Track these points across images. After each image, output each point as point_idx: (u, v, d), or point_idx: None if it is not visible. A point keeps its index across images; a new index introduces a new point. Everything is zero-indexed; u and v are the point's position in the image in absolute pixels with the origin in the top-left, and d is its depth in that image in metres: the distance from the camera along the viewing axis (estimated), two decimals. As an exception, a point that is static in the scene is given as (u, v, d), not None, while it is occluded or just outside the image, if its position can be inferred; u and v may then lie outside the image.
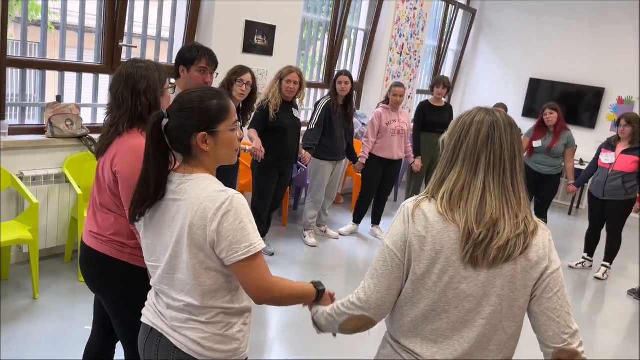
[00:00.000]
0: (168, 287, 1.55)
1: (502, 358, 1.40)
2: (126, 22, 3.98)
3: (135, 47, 4.18)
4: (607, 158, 4.84)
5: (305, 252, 4.73)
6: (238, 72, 3.55)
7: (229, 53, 4.46)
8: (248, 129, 4.09)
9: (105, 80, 4.00)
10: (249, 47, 4.75)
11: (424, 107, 5.50)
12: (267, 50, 4.94)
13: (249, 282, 1.47)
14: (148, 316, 1.63)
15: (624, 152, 4.74)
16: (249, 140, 4.12)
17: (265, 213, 4.37)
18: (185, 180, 1.50)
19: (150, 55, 4.43)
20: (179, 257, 1.50)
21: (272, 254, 4.46)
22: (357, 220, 5.35)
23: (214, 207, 1.44)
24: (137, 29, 4.21)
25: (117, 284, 1.95)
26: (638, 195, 4.73)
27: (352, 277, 4.46)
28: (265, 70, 4.92)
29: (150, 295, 1.66)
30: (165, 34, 4.51)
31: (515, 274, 1.33)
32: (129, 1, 3.93)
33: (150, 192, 1.51)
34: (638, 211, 4.77)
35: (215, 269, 1.49)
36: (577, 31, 7.75)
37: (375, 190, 5.19)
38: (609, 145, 4.89)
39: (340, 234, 5.26)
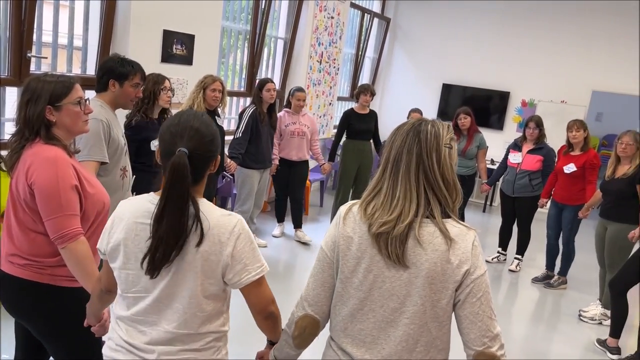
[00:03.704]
0: (158, 317, 1.48)
1: (430, 359, 1.45)
2: (34, 31, 3.79)
3: (46, 57, 3.97)
4: (515, 158, 5.19)
5: (233, 262, 4.68)
6: (159, 81, 3.53)
7: (147, 63, 4.28)
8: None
9: (12, 93, 3.77)
10: (167, 57, 4.65)
11: (349, 116, 5.63)
12: (187, 60, 4.87)
13: (261, 299, 1.52)
14: (118, 357, 1.51)
15: (530, 152, 5.10)
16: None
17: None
18: None
19: (62, 66, 4.23)
20: (180, 285, 1.46)
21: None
22: (279, 219, 5.55)
23: (227, 231, 1.45)
24: (47, 38, 4.01)
25: (43, 309, 1.86)
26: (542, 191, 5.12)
27: (278, 283, 4.47)
28: (185, 79, 4.84)
29: (117, 332, 1.53)
30: (78, 42, 4.32)
31: (435, 275, 1.39)
32: (37, 8, 3.73)
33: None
34: (542, 206, 5.15)
35: (215, 294, 1.49)
36: (484, 39, 8.26)
37: (284, 189, 5.41)
38: (516, 145, 5.25)
39: (273, 237, 5.41)
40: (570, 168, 4.71)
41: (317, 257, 1.54)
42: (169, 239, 1.40)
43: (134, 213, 1.49)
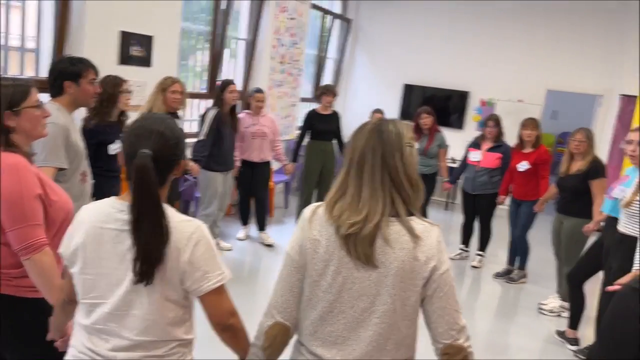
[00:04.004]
0: (117, 326, 1.45)
1: (400, 358, 1.46)
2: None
3: (-4, 59, 3.84)
4: (474, 156, 5.29)
5: (197, 267, 4.62)
6: (118, 83, 3.49)
7: (104, 65, 4.19)
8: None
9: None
10: (125, 59, 4.55)
11: (311, 116, 5.63)
12: (146, 61, 4.78)
13: (219, 309, 1.48)
14: None
15: (489, 150, 5.21)
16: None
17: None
18: None
19: (14, 69, 4.08)
20: (138, 292, 1.42)
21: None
22: (244, 222, 5.49)
23: (184, 237, 1.42)
24: (-3, 40, 3.86)
25: (8, 321, 1.80)
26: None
27: (243, 286, 4.44)
28: (144, 81, 4.75)
29: (80, 339, 1.49)
30: (31, 44, 4.18)
31: (404, 272, 1.40)
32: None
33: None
34: (501, 203, 5.27)
35: (176, 300, 1.46)
36: (444, 40, 8.40)
37: (247, 191, 5.35)
38: (476, 144, 5.36)
39: (238, 239, 5.37)
40: (523, 166, 4.85)
41: (283, 262, 1.51)
42: (156, 241, 1.39)
43: (94, 217, 1.47)
